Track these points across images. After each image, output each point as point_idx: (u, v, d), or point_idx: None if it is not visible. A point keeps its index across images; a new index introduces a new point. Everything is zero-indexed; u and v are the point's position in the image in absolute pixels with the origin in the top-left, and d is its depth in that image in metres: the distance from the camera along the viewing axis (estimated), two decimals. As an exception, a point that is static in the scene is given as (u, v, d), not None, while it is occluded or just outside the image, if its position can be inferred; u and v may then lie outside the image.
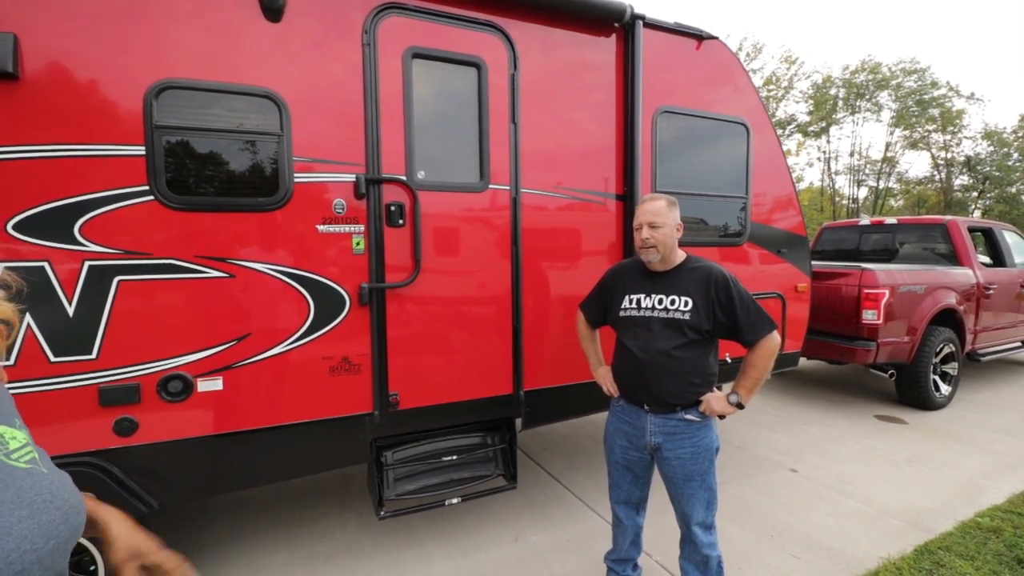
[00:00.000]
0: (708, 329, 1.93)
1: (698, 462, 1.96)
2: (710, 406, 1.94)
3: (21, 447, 0.71)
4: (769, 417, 4.89)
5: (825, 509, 3.15)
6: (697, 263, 2.02)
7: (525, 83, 2.65)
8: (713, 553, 2.03)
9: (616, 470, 2.19)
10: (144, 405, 2.00)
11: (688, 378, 1.94)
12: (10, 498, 0.64)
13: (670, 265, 2.03)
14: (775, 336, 1.92)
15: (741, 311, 1.91)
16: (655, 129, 3.01)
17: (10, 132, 1.82)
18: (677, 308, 1.94)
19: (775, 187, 3.59)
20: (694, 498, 1.99)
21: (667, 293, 1.97)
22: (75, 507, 0.72)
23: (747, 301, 1.93)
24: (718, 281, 1.93)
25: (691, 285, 1.95)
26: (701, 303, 1.92)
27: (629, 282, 2.11)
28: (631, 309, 2.05)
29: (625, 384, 2.10)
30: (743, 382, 1.96)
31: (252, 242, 2.14)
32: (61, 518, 0.68)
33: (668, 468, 2.00)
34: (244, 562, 2.64)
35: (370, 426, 2.41)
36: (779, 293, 3.57)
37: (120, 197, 1.94)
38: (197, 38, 2.04)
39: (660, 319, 1.96)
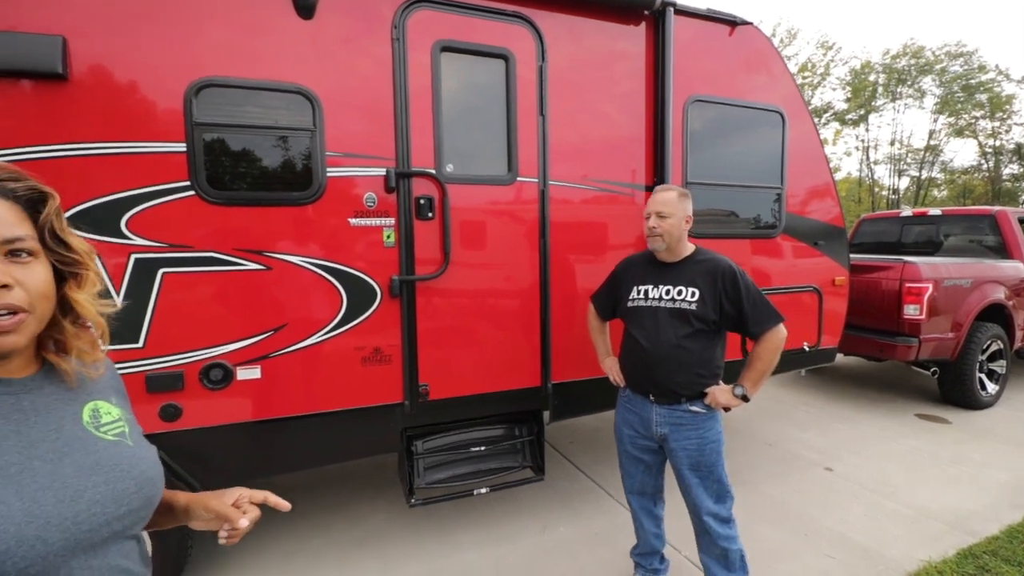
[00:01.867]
0: (715, 320, 1.95)
1: (704, 453, 1.98)
2: (715, 398, 1.96)
3: (112, 421, 0.78)
4: (802, 415, 4.77)
5: (862, 509, 3.06)
6: (705, 255, 2.05)
7: (553, 74, 2.63)
8: (732, 546, 2.02)
9: (627, 459, 2.22)
10: (187, 392, 2.08)
11: (694, 369, 1.96)
12: (89, 465, 0.71)
13: (678, 256, 2.05)
14: (781, 329, 1.94)
15: (748, 303, 1.93)
16: (686, 119, 2.95)
17: (61, 131, 1.91)
18: (684, 299, 1.96)
19: (812, 177, 3.48)
20: (700, 488, 2.00)
21: (674, 284, 2.00)
22: (151, 479, 0.78)
23: (754, 293, 1.95)
24: (725, 273, 1.95)
25: (698, 276, 1.98)
26: (708, 294, 1.94)
27: (638, 273, 2.13)
28: (639, 299, 2.08)
29: (632, 374, 2.12)
30: (748, 374, 1.97)
31: (287, 235, 2.20)
32: (135, 487, 0.75)
33: (675, 459, 2.03)
34: (279, 547, 2.74)
35: (401, 416, 2.46)
36: (815, 287, 3.47)
37: (163, 192, 2.02)
38: (233, 37, 2.09)
39: (667, 309, 1.99)
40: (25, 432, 0.67)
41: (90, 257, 0.76)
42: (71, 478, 0.68)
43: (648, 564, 2.31)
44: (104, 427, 0.77)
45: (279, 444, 2.30)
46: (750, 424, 4.49)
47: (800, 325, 3.46)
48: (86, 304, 0.74)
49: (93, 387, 0.79)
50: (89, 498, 0.69)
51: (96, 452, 0.73)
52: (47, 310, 0.70)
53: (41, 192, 0.71)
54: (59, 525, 0.64)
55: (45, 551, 0.62)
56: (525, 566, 2.55)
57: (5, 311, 0.64)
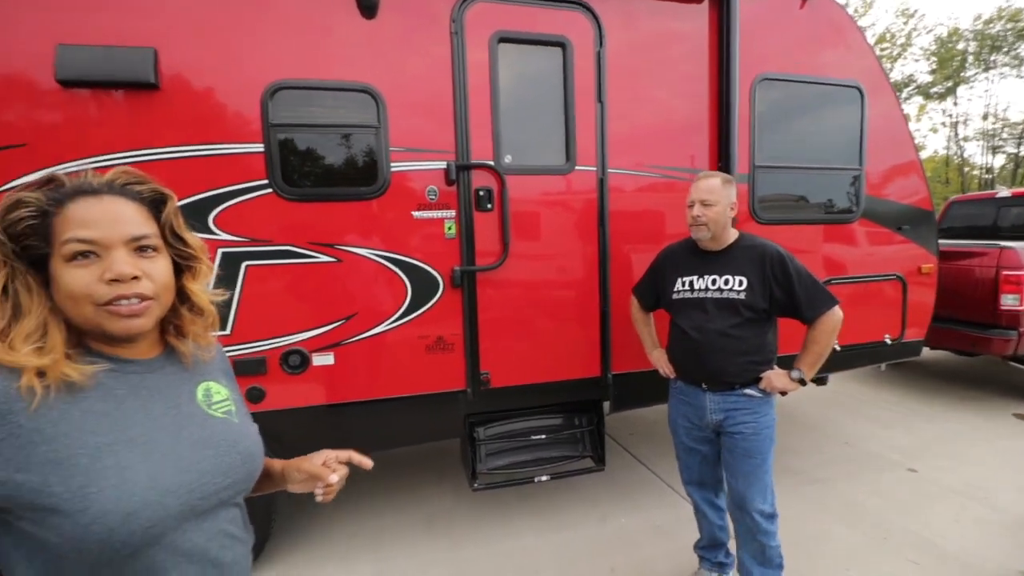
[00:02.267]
0: (764, 308, 1.91)
1: (759, 440, 1.94)
2: (771, 382, 1.92)
3: (222, 400, 0.87)
4: (884, 412, 4.46)
5: (950, 514, 2.84)
6: (750, 241, 1.99)
7: (611, 59, 2.58)
8: (772, 543, 1.99)
9: (683, 451, 2.19)
10: (270, 376, 2.24)
11: (746, 357, 1.93)
12: (203, 439, 0.79)
13: (722, 244, 1.99)
14: (837, 311, 1.89)
15: (799, 287, 1.88)
16: (754, 99, 2.80)
17: (155, 136, 2.09)
18: (732, 288, 1.92)
19: (895, 156, 3.22)
20: (752, 477, 1.95)
21: (720, 273, 1.95)
22: (253, 454, 0.86)
23: (804, 277, 1.90)
24: (773, 258, 1.90)
25: (745, 264, 1.93)
26: (756, 282, 1.90)
27: (681, 264, 2.08)
28: (684, 291, 2.03)
29: (682, 364, 2.09)
30: (805, 358, 1.94)
31: (356, 229, 2.30)
32: (240, 461, 0.82)
33: (730, 442, 1.99)
34: (353, 521, 2.90)
35: (463, 402, 2.52)
36: (899, 275, 3.22)
37: (245, 191, 2.16)
38: (302, 40, 2.20)
39: (714, 299, 1.95)
40: (149, 407, 0.76)
41: (203, 251, 0.85)
42: (187, 450, 0.76)
43: (713, 558, 2.26)
44: (215, 405, 0.85)
45: (350, 427, 2.42)
46: (825, 421, 4.26)
47: (881, 316, 3.23)
48: (200, 293, 0.83)
49: (205, 369, 0.88)
50: (202, 469, 0.76)
51: (208, 428, 0.81)
52: (169, 299, 0.79)
53: (161, 193, 0.79)
54: (176, 492, 0.72)
55: (164, 514, 0.70)
56: (587, 554, 2.56)
57: (136, 298, 0.72)
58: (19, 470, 0.62)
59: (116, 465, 0.68)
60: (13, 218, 0.67)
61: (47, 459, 0.64)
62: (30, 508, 0.63)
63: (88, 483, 0.65)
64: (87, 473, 0.65)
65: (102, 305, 0.70)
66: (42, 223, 0.69)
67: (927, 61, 21.51)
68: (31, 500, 0.63)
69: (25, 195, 0.69)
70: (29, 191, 0.70)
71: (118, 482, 0.67)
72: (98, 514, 0.64)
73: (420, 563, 2.53)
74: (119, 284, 0.70)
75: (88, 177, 0.74)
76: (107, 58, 1.98)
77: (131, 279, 0.71)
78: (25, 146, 1.95)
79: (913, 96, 22.11)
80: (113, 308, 0.70)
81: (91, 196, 0.72)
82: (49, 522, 0.64)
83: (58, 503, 0.63)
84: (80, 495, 0.64)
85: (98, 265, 0.70)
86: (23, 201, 0.68)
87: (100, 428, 0.69)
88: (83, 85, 1.99)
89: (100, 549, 0.65)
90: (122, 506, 0.66)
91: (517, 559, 2.54)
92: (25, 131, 1.95)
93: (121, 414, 0.72)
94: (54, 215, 0.69)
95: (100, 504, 0.65)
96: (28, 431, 0.63)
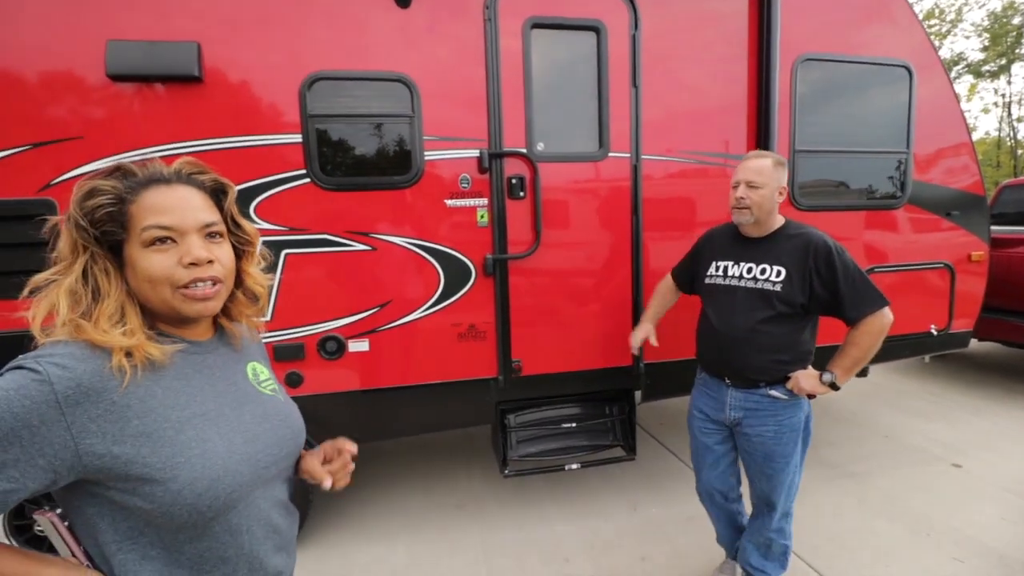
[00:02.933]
0: (802, 303, 1.75)
1: (781, 442, 1.83)
2: (798, 383, 1.78)
3: (267, 379, 0.93)
4: (927, 404, 4.30)
5: (997, 511, 2.74)
6: (797, 229, 1.83)
7: (647, 43, 2.52)
8: (779, 540, 1.96)
9: (698, 451, 2.10)
10: (307, 362, 2.30)
11: (775, 355, 1.79)
12: (261, 414, 0.85)
13: (766, 231, 1.85)
14: (887, 313, 1.72)
15: (845, 284, 1.71)
16: (795, 80, 2.71)
17: (199, 128, 2.15)
18: (768, 278, 1.78)
19: (945, 138, 3.07)
20: (775, 479, 1.87)
21: (757, 262, 1.82)
22: (301, 429, 0.92)
23: (853, 272, 1.73)
24: (819, 249, 1.74)
25: (786, 254, 1.78)
26: (796, 274, 1.75)
27: (719, 248, 1.98)
28: (717, 276, 1.93)
29: (706, 355, 2.00)
30: (841, 360, 1.77)
31: (390, 217, 2.33)
32: (291, 435, 0.89)
33: (748, 444, 1.90)
34: (387, 503, 2.98)
35: (495, 390, 2.55)
36: (947, 263, 3.09)
37: (284, 181, 2.22)
38: (338, 30, 2.22)
39: (747, 288, 1.82)
40: (214, 384, 0.81)
41: (256, 238, 0.88)
42: (250, 424, 0.82)
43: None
44: (262, 384, 0.91)
45: (384, 412, 2.48)
46: (864, 414, 4.13)
47: (927, 306, 3.11)
48: (257, 276, 0.88)
49: (248, 351, 0.93)
50: (264, 441, 0.83)
51: (263, 404, 0.87)
52: (231, 283, 0.83)
53: (222, 183, 0.84)
54: (247, 461, 0.78)
55: (241, 481, 0.76)
56: (617, 543, 2.57)
57: (209, 281, 0.77)
58: (115, 443, 0.67)
59: (197, 437, 0.73)
60: (91, 205, 0.71)
61: (139, 432, 0.69)
62: (123, 478, 0.68)
63: (175, 454, 0.71)
64: (173, 444, 0.71)
65: (179, 288, 0.74)
66: (119, 210, 0.72)
67: (979, 38, 20.27)
68: (125, 471, 0.68)
69: (101, 183, 0.72)
70: (103, 179, 0.73)
71: (201, 452, 0.73)
72: (187, 481, 0.70)
73: (451, 546, 2.59)
74: (196, 268, 0.75)
75: (158, 166, 0.78)
76: (154, 53, 2.04)
77: (206, 263, 0.76)
78: (82, 139, 2.04)
79: (963, 75, 20.93)
80: (189, 291, 0.75)
81: (164, 185, 0.76)
82: (141, 490, 0.69)
83: (151, 473, 0.69)
84: (170, 465, 0.70)
85: (175, 250, 0.74)
86: (100, 189, 0.72)
87: (179, 403, 0.74)
88: (132, 79, 2.06)
89: (188, 513, 0.71)
90: (207, 473, 0.72)
91: (546, 545, 2.57)
92: (81, 124, 2.04)
93: (192, 390, 0.77)
94: (130, 202, 0.73)
95: (188, 472, 0.71)
96: (121, 407, 0.68)
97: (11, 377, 0.63)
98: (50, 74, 2.02)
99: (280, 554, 0.86)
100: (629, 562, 2.43)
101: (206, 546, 0.75)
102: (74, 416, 0.64)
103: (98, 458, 0.66)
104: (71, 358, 0.66)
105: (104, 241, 0.72)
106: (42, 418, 0.62)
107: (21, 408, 0.61)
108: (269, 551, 0.83)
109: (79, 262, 0.71)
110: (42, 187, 2.04)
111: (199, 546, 0.74)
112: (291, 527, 0.91)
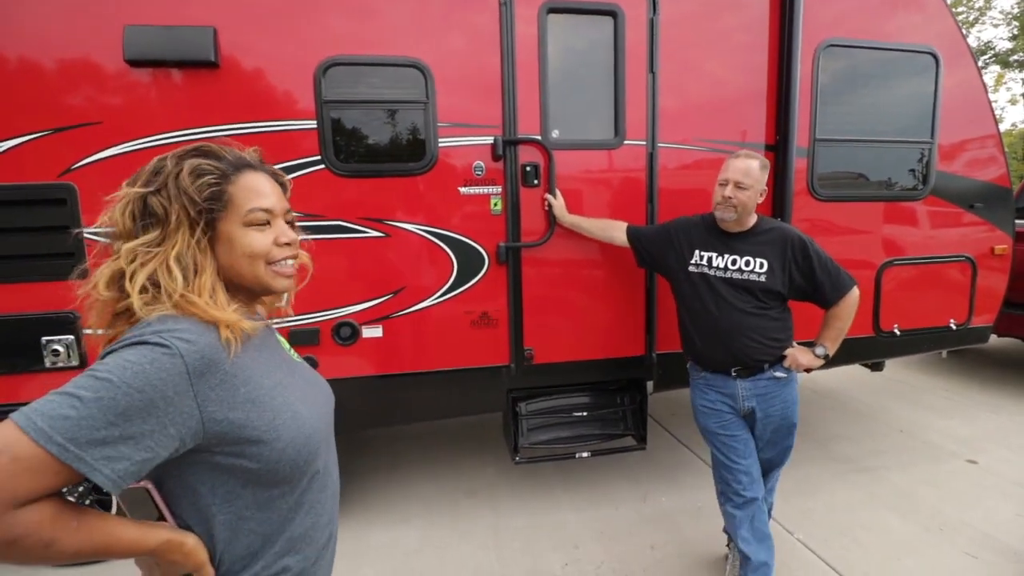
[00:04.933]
0: (782, 292, 1.93)
1: (787, 415, 2.01)
2: (796, 359, 1.96)
3: (290, 349, 0.99)
4: (943, 400, 4.25)
5: (1012, 508, 2.71)
6: (771, 224, 1.99)
7: (665, 28, 2.48)
8: (769, 497, 2.21)
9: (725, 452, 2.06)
10: (322, 347, 2.33)
11: (771, 338, 1.94)
12: (307, 378, 0.93)
13: (744, 227, 1.98)
14: (856, 291, 1.95)
15: (821, 272, 1.91)
16: (816, 67, 2.64)
17: (215, 113, 2.16)
18: (752, 270, 1.92)
19: (971, 129, 2.99)
20: (782, 445, 2.07)
21: (741, 254, 1.95)
22: (330, 390, 1.00)
23: (825, 261, 1.92)
24: (795, 243, 1.91)
25: (766, 247, 1.93)
26: (777, 265, 1.91)
27: (698, 239, 2.06)
28: (702, 265, 2.01)
29: (705, 350, 2.04)
30: (828, 333, 1.99)
31: (404, 204, 2.33)
32: (326, 398, 0.97)
33: (762, 427, 2.02)
34: (400, 489, 3.02)
35: (507, 377, 2.55)
36: (969, 256, 3.02)
37: (300, 166, 2.22)
38: (354, 16, 2.21)
39: (734, 280, 1.94)
40: (273, 357, 0.87)
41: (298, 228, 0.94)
42: (307, 388, 0.90)
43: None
44: (291, 352, 0.97)
45: (397, 398, 2.49)
46: (879, 409, 4.09)
47: (947, 300, 3.05)
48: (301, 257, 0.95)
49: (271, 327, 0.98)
50: (319, 403, 0.91)
51: (303, 371, 0.95)
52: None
53: (282, 176, 0.91)
54: (320, 418, 0.88)
55: (320, 437, 0.86)
56: (626, 532, 2.58)
57: (293, 260, 0.86)
58: (231, 409, 0.73)
59: (285, 402, 0.81)
60: (201, 184, 0.76)
61: (246, 399, 0.75)
62: (235, 442, 0.74)
63: (276, 416, 0.78)
64: (272, 409, 0.78)
65: (270, 264, 0.82)
66: (220, 189, 0.78)
67: (1007, 26, 19.62)
68: (238, 434, 0.74)
69: (203, 162, 0.77)
70: (201, 158, 0.77)
71: (292, 414, 0.80)
72: (288, 440, 0.78)
73: (462, 531, 2.62)
74: (288, 247, 0.84)
75: (239, 151, 0.84)
76: (171, 38, 2.05)
77: (295, 243, 0.86)
78: (101, 124, 2.06)
79: (990, 65, 20.32)
80: (279, 268, 0.84)
81: (253, 170, 0.83)
82: (249, 451, 0.75)
83: (260, 435, 0.75)
84: (272, 426, 0.77)
85: (271, 231, 0.83)
86: (205, 169, 0.77)
87: (266, 372, 0.81)
88: (149, 64, 2.07)
89: (289, 468, 0.79)
90: (302, 431, 0.81)
91: (556, 532, 2.59)
92: (99, 110, 2.06)
93: (268, 361, 0.84)
94: (230, 183, 0.79)
95: (287, 432, 0.79)
96: (231, 376, 0.74)
97: (142, 351, 0.67)
98: (68, 60, 2.04)
99: (336, 502, 0.96)
100: (638, 550, 2.44)
101: (296, 499, 0.82)
102: (199, 386, 0.70)
103: (217, 424, 0.72)
104: (193, 333, 0.71)
105: (203, 218, 0.77)
106: (176, 389, 0.67)
107: (159, 380, 0.66)
108: (335, 497, 0.94)
109: (181, 235, 0.75)
110: (62, 172, 2.07)
111: (290, 500, 0.82)
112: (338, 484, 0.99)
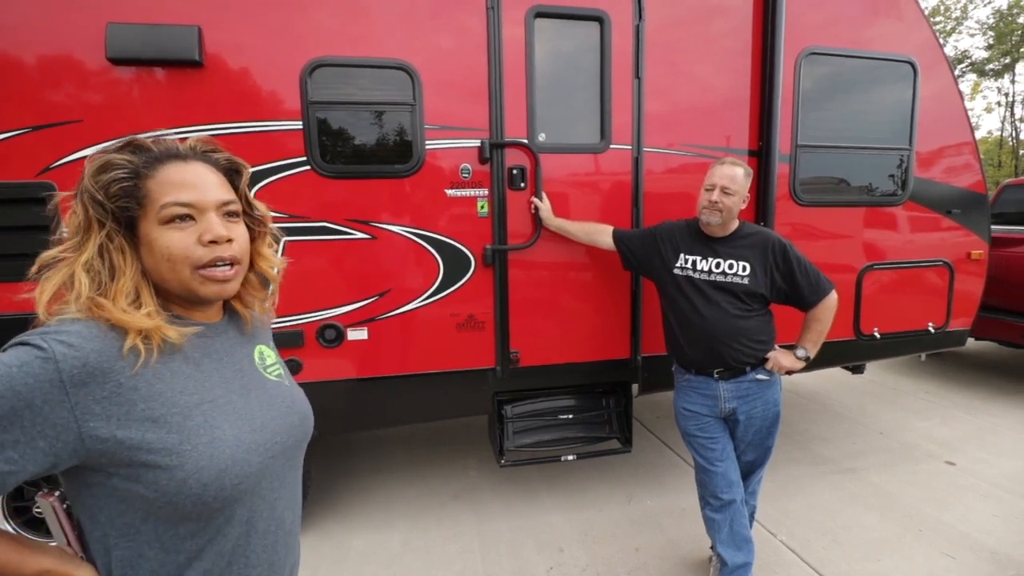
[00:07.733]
0: (764, 295, 1.97)
1: (768, 417, 2.04)
2: (778, 362, 1.99)
3: (272, 363, 0.89)
4: (921, 402, 4.33)
5: (989, 508, 2.76)
6: (752, 229, 2.04)
7: (651, 34, 2.51)
8: (751, 501, 2.21)
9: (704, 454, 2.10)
10: (306, 349, 2.30)
11: (754, 340, 1.98)
12: (267, 401, 0.81)
13: (727, 231, 2.03)
14: (834, 294, 1.99)
15: (801, 275, 1.95)
16: (798, 74, 2.69)
17: (199, 113, 2.14)
18: (735, 273, 1.97)
19: (948, 136, 3.06)
20: (763, 447, 2.10)
21: (724, 258, 1.99)
22: (307, 415, 0.89)
23: (805, 264, 1.97)
24: (775, 247, 1.96)
25: (748, 251, 1.98)
26: (759, 269, 1.96)
27: (682, 242, 2.10)
28: (688, 269, 2.05)
29: (690, 352, 2.07)
30: (809, 336, 2.03)
31: (390, 206, 2.32)
32: (298, 421, 0.85)
33: (743, 428, 2.05)
34: (383, 492, 3.00)
35: (492, 380, 2.55)
36: (946, 261, 3.09)
37: (284, 168, 2.21)
38: (339, 16, 2.20)
39: (717, 283, 1.98)
40: (222, 370, 0.78)
41: (269, 219, 0.86)
42: (257, 412, 0.78)
43: None
44: (268, 368, 0.87)
45: (382, 401, 2.48)
46: (859, 410, 4.16)
47: (926, 303, 3.12)
48: (271, 257, 0.86)
49: (256, 334, 0.90)
50: (271, 429, 0.79)
51: (268, 390, 0.83)
52: (247, 263, 0.80)
53: (236, 162, 0.81)
54: (255, 450, 0.75)
55: (249, 471, 0.73)
56: (611, 534, 2.59)
57: (229, 263, 0.74)
58: (120, 427, 0.64)
59: (205, 424, 0.70)
60: (106, 180, 0.67)
61: (144, 416, 0.66)
62: (127, 464, 0.65)
63: (182, 440, 0.67)
64: (180, 431, 0.68)
65: (198, 268, 0.71)
66: (134, 185, 0.69)
67: (983, 36, 20.16)
68: (129, 456, 0.65)
69: (115, 157, 0.69)
70: (116, 153, 0.69)
71: (209, 440, 0.69)
72: (193, 470, 0.67)
73: (446, 534, 2.61)
74: (216, 246, 0.72)
75: (172, 142, 0.74)
76: (154, 36, 2.02)
77: (226, 241, 0.73)
78: (81, 122, 2.03)
79: (967, 73, 20.83)
80: (207, 272, 0.72)
81: (180, 161, 0.73)
82: (145, 477, 0.65)
83: (156, 459, 0.65)
84: (176, 451, 0.66)
85: (194, 228, 0.71)
86: (115, 163, 0.68)
87: (187, 388, 0.71)
88: (132, 63, 2.04)
89: (193, 503, 0.68)
90: (215, 463, 0.69)
91: (541, 535, 2.59)
92: (81, 108, 2.03)
93: (201, 375, 0.74)
94: (147, 178, 0.70)
95: (194, 460, 0.67)
96: (127, 390, 0.65)
97: (15, 353, 0.60)
98: (50, 57, 2.00)
99: (284, 550, 0.82)
100: (623, 552, 2.45)
101: (207, 540, 0.71)
102: (78, 397, 0.61)
103: (101, 442, 0.63)
104: (79, 337, 0.63)
105: (119, 217, 0.69)
106: (45, 398, 0.60)
107: (24, 386, 0.59)
108: (272, 547, 0.79)
109: (93, 238, 0.67)
110: (41, 170, 2.03)
111: (199, 541, 0.71)
112: (296, 521, 0.86)
